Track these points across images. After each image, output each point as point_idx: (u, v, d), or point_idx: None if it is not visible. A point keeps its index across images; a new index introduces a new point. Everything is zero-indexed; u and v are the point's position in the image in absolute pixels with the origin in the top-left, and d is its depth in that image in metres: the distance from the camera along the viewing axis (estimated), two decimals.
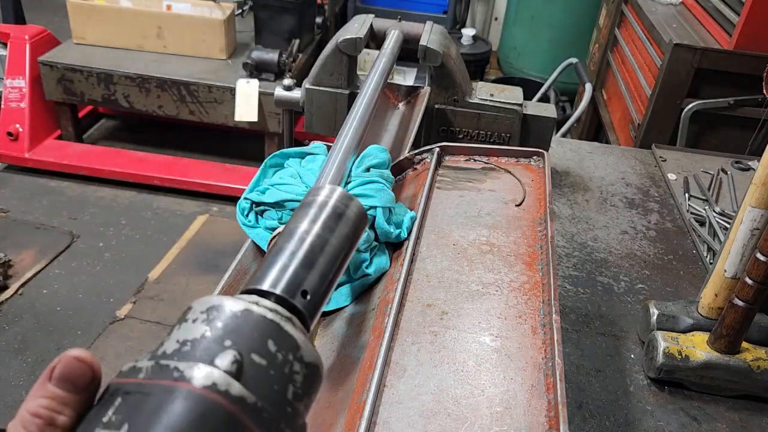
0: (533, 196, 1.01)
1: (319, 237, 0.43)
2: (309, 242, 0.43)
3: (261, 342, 0.32)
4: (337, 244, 0.44)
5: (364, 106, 1.08)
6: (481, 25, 4.97)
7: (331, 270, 0.43)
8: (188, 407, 0.28)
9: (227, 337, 0.32)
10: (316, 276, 0.41)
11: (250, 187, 0.96)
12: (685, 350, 0.95)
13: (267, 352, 0.32)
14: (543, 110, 1.40)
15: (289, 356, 0.33)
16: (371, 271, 0.86)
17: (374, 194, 0.90)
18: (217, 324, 0.32)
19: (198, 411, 0.28)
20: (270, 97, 2.77)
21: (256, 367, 0.31)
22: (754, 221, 0.94)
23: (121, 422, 0.28)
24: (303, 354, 0.34)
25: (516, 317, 0.75)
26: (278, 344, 0.33)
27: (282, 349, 0.33)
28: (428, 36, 1.36)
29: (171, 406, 0.28)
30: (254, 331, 0.33)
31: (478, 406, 0.63)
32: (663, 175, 1.59)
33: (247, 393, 0.30)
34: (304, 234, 0.43)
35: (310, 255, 0.42)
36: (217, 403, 0.29)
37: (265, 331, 0.33)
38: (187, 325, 0.33)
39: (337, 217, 0.45)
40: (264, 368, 0.32)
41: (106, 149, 3.28)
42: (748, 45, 1.98)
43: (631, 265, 1.25)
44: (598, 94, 2.95)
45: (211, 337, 0.32)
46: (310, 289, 0.40)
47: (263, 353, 0.32)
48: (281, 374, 0.32)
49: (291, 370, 0.33)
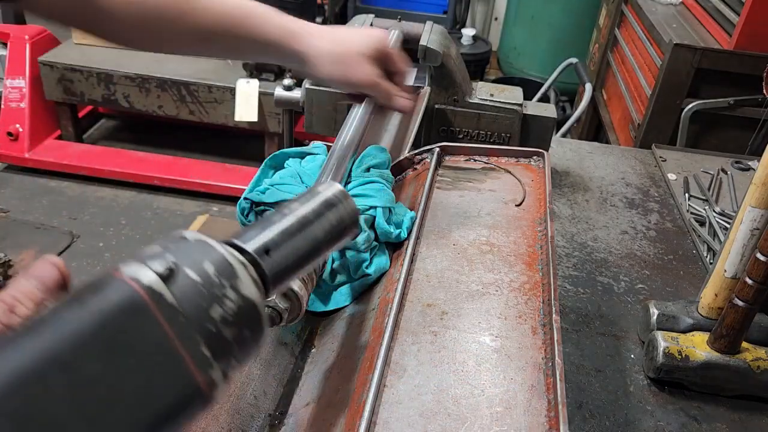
0: (533, 196, 1.01)
1: (303, 217, 0.44)
2: (291, 217, 0.44)
3: (199, 262, 0.34)
4: (320, 229, 0.45)
5: (364, 106, 1.08)
6: (481, 25, 4.97)
7: (305, 247, 0.43)
8: (110, 291, 0.31)
9: (172, 252, 0.34)
10: (288, 246, 0.42)
11: (250, 187, 0.96)
12: (685, 350, 0.95)
13: (203, 272, 0.34)
14: (543, 110, 1.40)
15: (224, 282, 0.35)
16: (371, 271, 0.86)
17: (374, 194, 0.90)
18: (171, 244, 0.35)
19: (116, 295, 0.31)
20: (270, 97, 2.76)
21: (188, 279, 0.33)
22: (754, 221, 0.94)
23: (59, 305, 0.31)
24: (241, 286, 0.35)
25: (516, 317, 0.75)
26: (217, 270, 0.35)
27: (220, 275, 0.35)
28: (428, 36, 1.36)
29: (97, 289, 0.31)
30: (198, 254, 0.35)
31: (478, 406, 0.63)
32: (663, 175, 1.59)
33: (167, 293, 0.32)
34: (290, 210, 0.45)
35: (288, 228, 0.43)
36: (136, 293, 0.31)
37: (208, 256, 0.35)
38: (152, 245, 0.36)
39: (328, 206, 0.46)
40: (195, 283, 0.34)
41: (106, 149, 3.27)
42: (748, 45, 1.98)
43: (631, 265, 1.25)
44: (598, 94, 2.95)
45: (159, 250, 0.35)
46: (276, 253, 0.41)
47: (199, 271, 0.34)
48: (211, 293, 0.34)
49: (223, 294, 0.34)
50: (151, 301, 0.32)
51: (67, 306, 0.31)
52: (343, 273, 0.89)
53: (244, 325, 0.35)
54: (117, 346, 0.30)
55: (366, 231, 0.86)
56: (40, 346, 0.28)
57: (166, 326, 0.32)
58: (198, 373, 0.33)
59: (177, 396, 0.32)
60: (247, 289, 0.36)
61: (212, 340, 0.33)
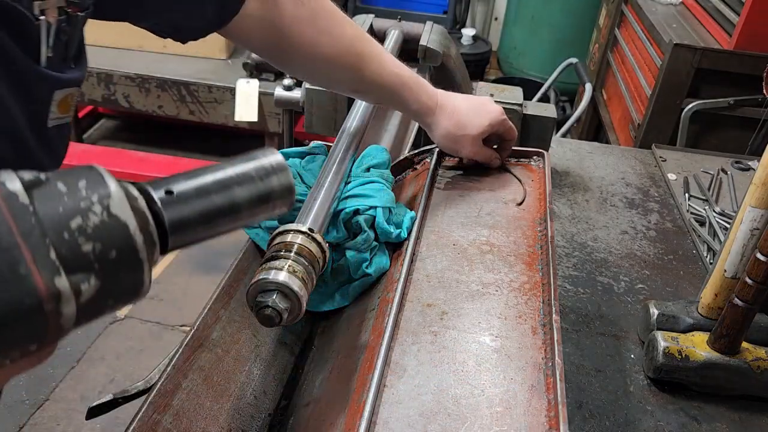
0: (533, 196, 1.01)
1: (227, 174, 0.43)
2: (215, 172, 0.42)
3: (74, 178, 0.34)
4: (242, 191, 0.43)
5: (364, 106, 1.08)
6: (481, 25, 4.97)
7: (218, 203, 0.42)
8: None
9: (54, 173, 0.34)
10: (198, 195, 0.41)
11: None
12: (685, 350, 0.95)
13: (72, 185, 0.33)
14: (543, 110, 1.40)
15: (93, 197, 0.34)
16: (371, 271, 0.86)
17: (374, 194, 0.90)
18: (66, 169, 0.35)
19: None
20: (270, 97, 2.76)
21: (55, 189, 0.33)
22: (754, 221, 0.94)
23: None
24: (111, 204, 0.34)
25: (516, 317, 0.75)
26: (89, 186, 0.34)
27: (90, 190, 0.34)
28: (428, 36, 1.36)
29: None
30: (77, 174, 0.34)
31: (478, 406, 0.63)
32: (663, 175, 1.59)
33: (23, 195, 0.32)
34: (217, 167, 0.43)
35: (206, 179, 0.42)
36: None
37: (86, 175, 0.34)
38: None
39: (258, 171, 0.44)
40: (60, 192, 0.33)
41: (106, 149, 3.28)
42: (748, 45, 1.97)
43: (631, 265, 1.25)
44: (598, 94, 2.95)
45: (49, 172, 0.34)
46: (181, 199, 0.40)
47: (68, 184, 0.33)
48: (74, 205, 0.33)
49: (88, 207, 0.33)
50: (2, 199, 0.31)
51: None
52: (343, 273, 0.89)
53: (109, 245, 0.34)
54: None
55: (366, 231, 0.86)
56: None
57: (11, 222, 0.31)
58: (39, 277, 0.31)
59: (12, 296, 0.30)
60: (119, 209, 0.34)
61: (64, 248, 0.32)
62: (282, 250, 0.70)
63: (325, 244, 0.75)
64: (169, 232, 0.39)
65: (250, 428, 0.76)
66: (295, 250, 0.71)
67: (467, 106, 1.03)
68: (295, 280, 0.68)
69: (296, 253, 0.71)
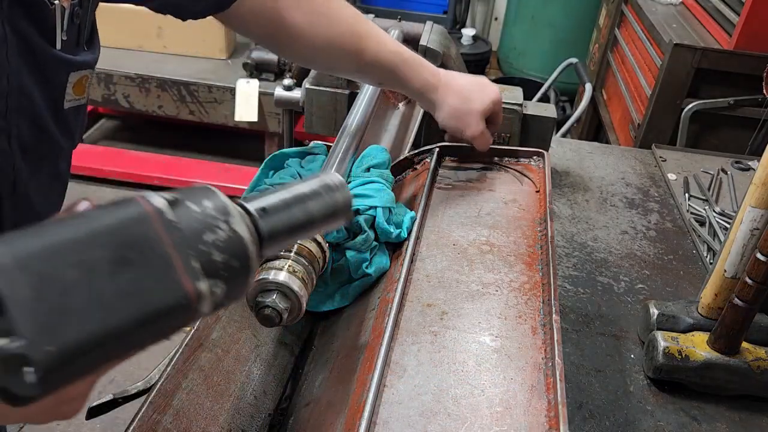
0: (533, 196, 1.01)
1: (301, 192, 0.49)
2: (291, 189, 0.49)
3: (199, 198, 0.40)
4: (314, 205, 0.49)
5: (364, 106, 1.08)
6: (481, 25, 4.97)
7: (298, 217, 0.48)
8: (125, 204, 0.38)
9: (179, 192, 0.41)
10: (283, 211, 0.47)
11: (250, 187, 0.96)
12: (685, 350, 0.95)
13: (201, 205, 0.40)
14: (543, 110, 1.40)
15: (218, 215, 0.40)
16: (371, 271, 0.86)
17: (374, 194, 0.90)
18: (181, 189, 0.41)
19: (129, 207, 0.38)
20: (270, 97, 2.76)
21: (189, 208, 0.39)
22: (754, 221, 0.94)
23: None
24: (232, 222, 0.41)
25: (516, 317, 0.75)
26: (214, 206, 0.41)
27: (215, 210, 0.41)
28: (428, 36, 1.36)
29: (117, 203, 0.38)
30: (200, 194, 0.41)
31: (478, 406, 0.63)
32: (663, 175, 1.59)
33: (168, 210, 0.38)
34: (291, 185, 0.50)
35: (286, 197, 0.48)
36: (144, 207, 0.38)
37: (208, 196, 0.41)
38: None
39: (325, 189, 0.51)
40: (193, 211, 0.39)
41: (106, 149, 3.28)
42: (748, 45, 1.97)
43: (631, 265, 1.25)
44: (598, 94, 2.95)
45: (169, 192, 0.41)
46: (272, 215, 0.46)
47: (197, 204, 0.40)
48: (206, 222, 0.40)
49: (216, 224, 0.40)
50: (155, 214, 0.38)
51: (92, 210, 0.38)
52: (343, 273, 0.89)
53: (233, 255, 0.40)
54: (122, 242, 0.36)
55: (366, 231, 0.86)
56: (66, 231, 0.35)
57: (164, 235, 0.37)
58: (187, 280, 0.37)
59: (166, 295, 0.37)
60: (238, 226, 0.41)
61: (203, 257, 0.39)
62: (282, 250, 0.70)
63: (325, 244, 0.75)
64: (263, 243, 0.45)
65: (250, 428, 0.76)
66: (295, 250, 0.71)
67: (470, 82, 1.04)
68: (295, 280, 0.68)
69: (296, 253, 0.71)
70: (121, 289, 0.35)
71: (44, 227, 0.36)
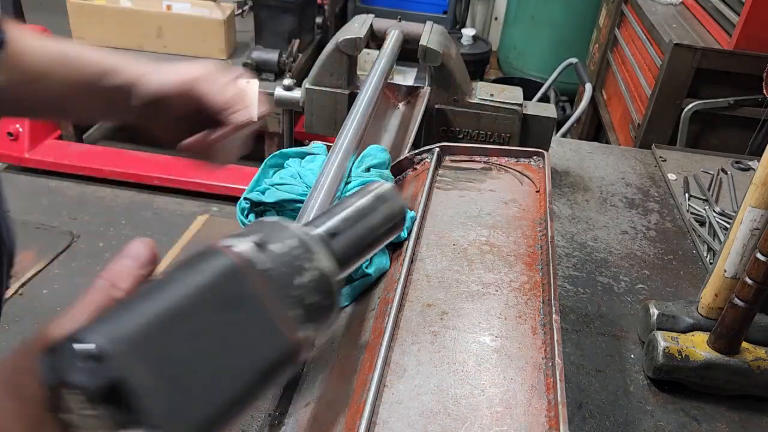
0: (533, 196, 1.01)
1: (360, 208, 0.49)
2: (350, 208, 0.49)
3: (278, 236, 0.40)
4: (375, 219, 0.49)
5: (364, 106, 1.08)
6: (481, 25, 4.97)
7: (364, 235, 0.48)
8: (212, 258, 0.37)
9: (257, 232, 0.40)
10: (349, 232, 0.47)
11: (250, 187, 0.96)
12: (685, 350, 0.95)
13: (284, 244, 0.40)
14: (543, 110, 1.40)
15: (302, 254, 0.40)
16: (371, 271, 0.86)
17: None
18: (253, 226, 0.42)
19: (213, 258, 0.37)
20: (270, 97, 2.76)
21: (273, 252, 0.39)
22: (754, 221, 0.94)
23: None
24: (315, 258, 0.41)
25: (516, 317, 0.75)
26: (296, 244, 0.40)
27: (298, 248, 0.40)
28: (428, 36, 1.36)
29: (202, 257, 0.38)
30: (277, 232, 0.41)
31: (478, 406, 0.63)
32: (663, 175, 1.59)
33: (256, 257, 0.38)
34: (349, 203, 0.50)
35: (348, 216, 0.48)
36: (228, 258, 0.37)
37: (286, 233, 0.41)
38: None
39: (381, 200, 0.51)
40: (278, 254, 0.39)
41: (106, 149, 3.27)
42: (748, 45, 1.97)
43: (631, 265, 1.25)
44: (598, 94, 2.95)
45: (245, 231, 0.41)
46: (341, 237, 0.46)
47: (280, 244, 0.40)
48: (293, 264, 0.39)
49: (302, 266, 0.40)
50: (245, 265, 0.37)
51: (179, 271, 0.37)
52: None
53: (322, 294, 0.40)
54: (222, 303, 0.36)
55: None
56: (163, 301, 0.34)
57: (260, 288, 0.37)
58: (289, 330, 0.38)
59: (274, 350, 0.37)
60: (322, 262, 0.41)
61: (298, 303, 0.39)
62: None
63: None
64: (340, 271, 0.45)
65: (250, 428, 0.76)
66: None
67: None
68: None
69: None
70: (232, 352, 0.35)
71: (137, 300, 0.34)
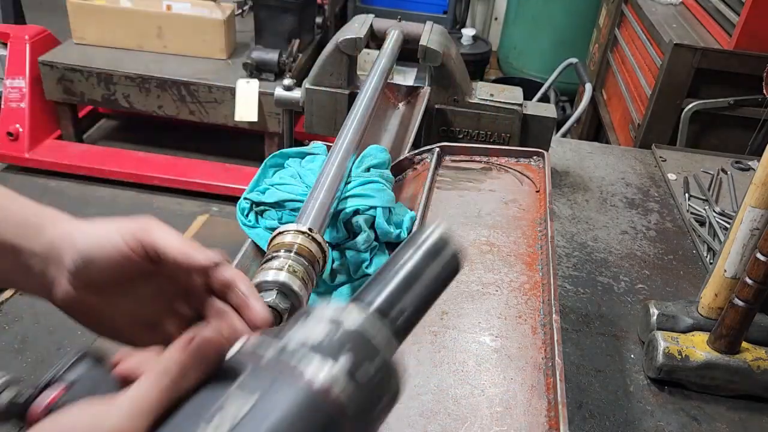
0: (533, 196, 1.01)
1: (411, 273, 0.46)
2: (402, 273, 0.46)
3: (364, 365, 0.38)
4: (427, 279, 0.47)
5: (364, 106, 1.08)
6: (481, 25, 4.97)
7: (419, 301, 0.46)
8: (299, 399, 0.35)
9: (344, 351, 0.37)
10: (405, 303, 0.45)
11: (250, 187, 0.96)
12: (685, 350, 0.95)
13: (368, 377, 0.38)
14: (543, 110, 1.40)
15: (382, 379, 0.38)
16: (371, 271, 0.86)
17: (374, 194, 0.90)
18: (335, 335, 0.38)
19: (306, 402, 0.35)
20: (270, 97, 2.76)
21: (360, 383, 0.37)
22: (754, 221, 0.94)
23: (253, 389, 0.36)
24: (392, 378, 0.39)
25: (516, 317, 0.75)
26: (377, 369, 0.38)
27: (378, 369, 0.38)
28: (428, 36, 1.36)
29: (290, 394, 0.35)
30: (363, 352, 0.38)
31: (478, 406, 0.63)
32: (663, 175, 1.59)
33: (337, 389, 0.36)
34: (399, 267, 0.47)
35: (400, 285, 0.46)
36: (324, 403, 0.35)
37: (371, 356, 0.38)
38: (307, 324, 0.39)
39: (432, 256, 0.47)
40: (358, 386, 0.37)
41: (106, 149, 3.27)
42: (748, 45, 1.97)
43: (631, 265, 1.25)
44: (598, 94, 2.95)
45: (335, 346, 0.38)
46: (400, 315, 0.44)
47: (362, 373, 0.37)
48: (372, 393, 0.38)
49: (382, 394, 0.38)
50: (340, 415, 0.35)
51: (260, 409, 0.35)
52: (343, 273, 0.89)
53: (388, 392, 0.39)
54: None
55: (366, 231, 0.86)
56: None
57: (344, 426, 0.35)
58: None
59: None
60: (398, 380, 0.39)
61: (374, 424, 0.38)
62: (282, 250, 0.70)
63: (325, 244, 0.75)
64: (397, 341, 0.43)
65: None
66: (295, 251, 0.71)
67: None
68: (295, 280, 0.68)
69: (296, 253, 0.70)
70: None
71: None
